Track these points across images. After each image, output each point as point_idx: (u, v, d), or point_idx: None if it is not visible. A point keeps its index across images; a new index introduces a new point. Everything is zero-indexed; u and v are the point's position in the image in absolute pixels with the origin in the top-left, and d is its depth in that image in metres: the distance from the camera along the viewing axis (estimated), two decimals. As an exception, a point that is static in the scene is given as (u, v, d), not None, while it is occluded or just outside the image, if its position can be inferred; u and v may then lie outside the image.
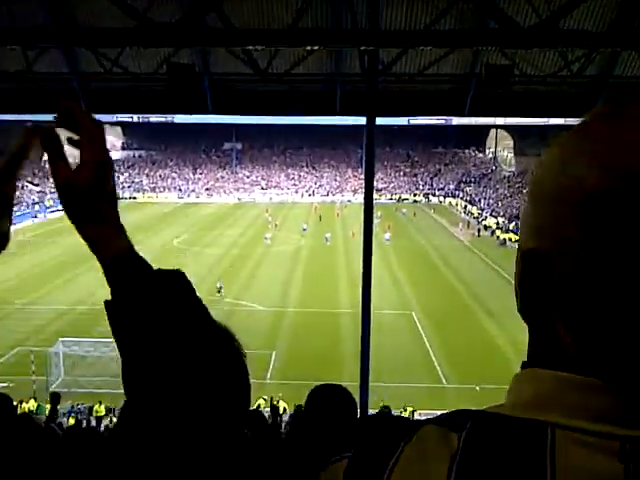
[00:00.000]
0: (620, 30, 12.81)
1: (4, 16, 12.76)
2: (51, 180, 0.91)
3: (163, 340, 0.87)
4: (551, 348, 0.57)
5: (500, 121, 66.26)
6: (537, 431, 0.53)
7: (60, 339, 21.55)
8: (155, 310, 0.88)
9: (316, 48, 12.71)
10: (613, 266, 0.51)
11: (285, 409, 16.53)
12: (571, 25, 12.89)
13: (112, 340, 0.92)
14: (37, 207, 60.57)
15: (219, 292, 29.89)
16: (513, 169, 75.55)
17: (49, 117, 0.93)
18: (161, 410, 0.85)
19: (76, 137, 0.92)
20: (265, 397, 17.49)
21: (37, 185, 66.70)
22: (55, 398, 12.16)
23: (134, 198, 74.90)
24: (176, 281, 0.91)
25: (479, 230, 52.19)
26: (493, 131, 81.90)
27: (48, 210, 60.53)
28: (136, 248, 0.93)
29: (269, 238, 46.77)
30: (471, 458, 0.54)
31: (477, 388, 19.44)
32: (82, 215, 0.89)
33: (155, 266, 0.93)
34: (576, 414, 0.53)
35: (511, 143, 79.23)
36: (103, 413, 17.52)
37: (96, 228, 0.89)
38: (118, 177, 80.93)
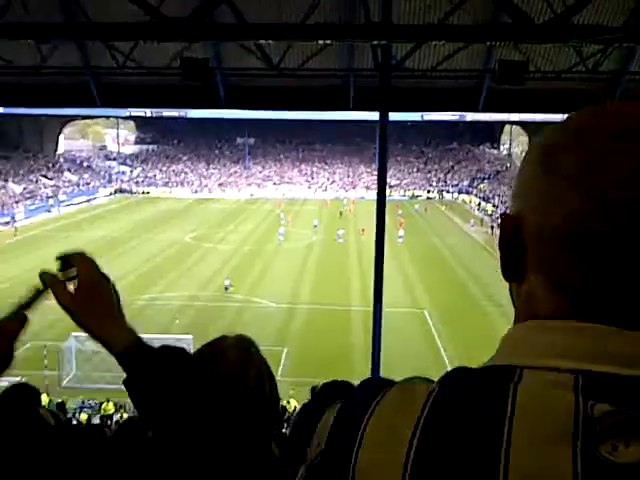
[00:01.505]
0: (635, 25, 12.66)
1: (19, 11, 12.83)
2: (65, 175, 1.16)
3: (175, 407, 1.10)
4: (529, 307, 0.65)
5: (515, 117, 65.89)
6: (506, 372, 0.60)
7: (72, 334, 21.67)
8: (165, 384, 1.11)
9: (329, 43, 12.68)
10: (568, 209, 0.59)
11: (296, 407, 16.57)
12: (586, 20, 12.78)
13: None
14: (51, 201, 60.91)
15: (227, 290, 29.93)
16: (528, 166, 75.10)
17: (61, 111, 1.01)
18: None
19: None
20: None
21: (51, 179, 67.17)
22: (61, 407, 12.28)
23: (147, 193, 75.24)
24: (179, 357, 1.16)
25: (492, 228, 51.87)
26: (508, 127, 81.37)
27: (62, 204, 60.93)
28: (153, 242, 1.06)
29: (282, 234, 46.81)
30: (445, 392, 0.61)
31: None
32: (87, 320, 1.18)
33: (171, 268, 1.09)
34: (542, 354, 0.60)
35: (526, 139, 78.58)
36: (112, 411, 17.62)
37: (103, 327, 1.17)
38: (131, 171, 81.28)
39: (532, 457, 0.54)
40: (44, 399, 17.55)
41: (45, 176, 67.13)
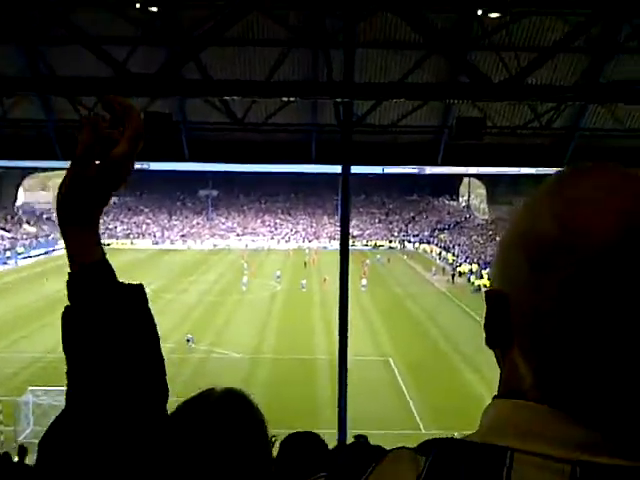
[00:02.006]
0: (585, 85, 13.26)
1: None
2: (23, 227, 0.93)
3: (109, 350, 0.89)
4: (513, 380, 0.63)
5: (473, 170, 67.51)
6: (497, 454, 0.58)
7: (29, 388, 20.99)
8: (109, 321, 0.89)
9: (292, 99, 12.94)
10: (560, 307, 0.58)
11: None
12: (540, 80, 13.33)
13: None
14: (8, 253, 59.64)
15: (188, 342, 29.43)
16: (486, 217, 76.61)
17: (22, 163, 0.95)
18: (101, 416, 0.86)
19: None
20: None
21: (9, 231, 65.89)
22: (22, 452, 11.75)
23: (108, 245, 74.30)
24: (135, 296, 0.94)
25: (453, 276, 52.54)
26: (466, 180, 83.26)
27: (19, 256, 59.65)
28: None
29: (245, 284, 46.56)
30: (434, 476, 0.59)
31: (455, 434, 19.25)
32: (75, 215, 0.93)
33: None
34: (533, 439, 0.58)
35: (484, 192, 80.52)
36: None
37: (81, 232, 0.94)
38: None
39: None
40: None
41: (3, 228, 65.84)
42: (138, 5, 12.18)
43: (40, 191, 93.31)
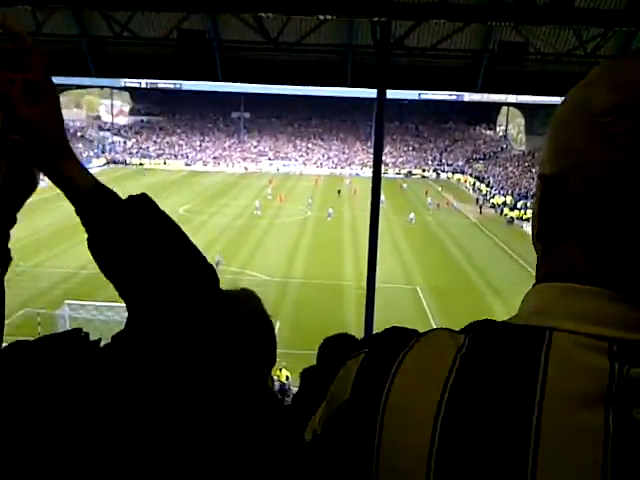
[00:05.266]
0: (637, 9, 12.61)
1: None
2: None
3: (146, 261, 0.89)
4: (562, 266, 0.62)
5: (512, 99, 65.70)
6: (536, 333, 0.59)
7: (66, 302, 21.70)
8: (132, 236, 0.89)
9: (328, 17, 12.58)
10: (623, 180, 0.56)
11: (288, 377, 16.74)
12: (587, 4, 12.71)
13: (117, 304, 0.94)
14: (44, 170, 60.60)
15: (217, 265, 29.86)
16: (523, 148, 74.94)
17: (57, 80, 0.87)
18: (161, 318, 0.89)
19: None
20: None
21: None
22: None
23: (141, 164, 74.87)
24: (145, 205, 0.91)
25: (480, 207, 52.24)
26: (504, 109, 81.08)
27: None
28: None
29: (258, 207, 46.93)
30: (474, 351, 0.60)
31: None
32: (51, 149, 0.85)
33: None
34: (575, 318, 0.59)
35: (522, 121, 78.48)
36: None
37: (66, 162, 0.88)
38: (125, 142, 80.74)
39: (565, 415, 0.54)
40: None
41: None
42: None
43: (74, 108, 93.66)
